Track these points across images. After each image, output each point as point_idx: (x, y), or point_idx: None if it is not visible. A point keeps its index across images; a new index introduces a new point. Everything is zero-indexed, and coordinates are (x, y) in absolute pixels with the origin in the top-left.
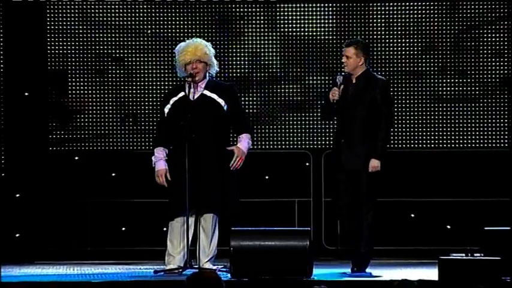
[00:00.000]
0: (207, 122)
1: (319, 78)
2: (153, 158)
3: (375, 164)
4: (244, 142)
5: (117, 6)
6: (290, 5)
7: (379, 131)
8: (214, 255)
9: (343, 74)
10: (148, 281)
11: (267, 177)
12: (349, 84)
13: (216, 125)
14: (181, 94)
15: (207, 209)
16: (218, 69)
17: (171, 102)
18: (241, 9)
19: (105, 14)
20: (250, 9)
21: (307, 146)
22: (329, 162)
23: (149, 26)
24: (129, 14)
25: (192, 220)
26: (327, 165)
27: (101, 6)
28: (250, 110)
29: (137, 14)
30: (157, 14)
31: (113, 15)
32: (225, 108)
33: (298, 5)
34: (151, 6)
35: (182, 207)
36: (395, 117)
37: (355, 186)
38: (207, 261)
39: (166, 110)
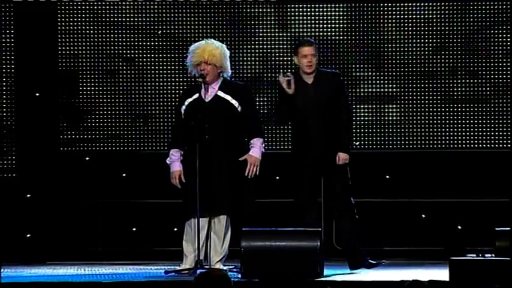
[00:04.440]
0: (220, 123)
1: None
2: (167, 160)
3: (344, 156)
4: (256, 148)
5: (128, 7)
6: (301, 6)
7: (342, 124)
8: (225, 256)
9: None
10: (159, 281)
11: (277, 177)
12: (306, 86)
13: (229, 127)
14: (196, 95)
15: (219, 211)
16: (231, 72)
17: (186, 103)
18: (252, 10)
19: (116, 15)
20: (261, 10)
21: None
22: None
23: (160, 26)
24: (140, 15)
25: (205, 220)
26: None
27: (111, 7)
28: (261, 111)
29: (148, 15)
30: (168, 14)
31: (124, 15)
32: (239, 109)
33: (309, 5)
34: (162, 6)
35: (195, 209)
36: (406, 118)
37: (329, 185)
38: (218, 261)
39: (182, 110)
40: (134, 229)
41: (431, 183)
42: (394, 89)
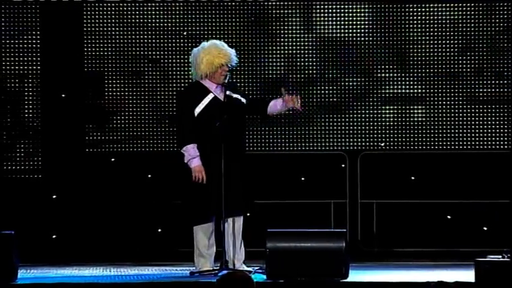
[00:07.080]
0: (235, 122)
1: (355, 79)
2: (187, 154)
3: None
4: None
5: (153, 8)
6: (326, 7)
7: None
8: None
9: None
10: (184, 282)
11: (303, 178)
12: None
13: (240, 126)
14: (211, 95)
15: (238, 211)
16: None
17: (205, 102)
18: (277, 11)
19: (141, 16)
20: (286, 11)
21: (343, 148)
22: (365, 164)
23: (185, 28)
24: (165, 16)
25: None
26: (362, 167)
27: (137, 8)
28: (287, 112)
29: (173, 16)
30: (193, 16)
31: (149, 16)
32: (245, 104)
33: (334, 6)
34: (187, 7)
35: (215, 209)
36: (431, 119)
37: None
38: (242, 263)
39: (198, 110)
40: (160, 230)
41: (457, 184)
42: (420, 90)
